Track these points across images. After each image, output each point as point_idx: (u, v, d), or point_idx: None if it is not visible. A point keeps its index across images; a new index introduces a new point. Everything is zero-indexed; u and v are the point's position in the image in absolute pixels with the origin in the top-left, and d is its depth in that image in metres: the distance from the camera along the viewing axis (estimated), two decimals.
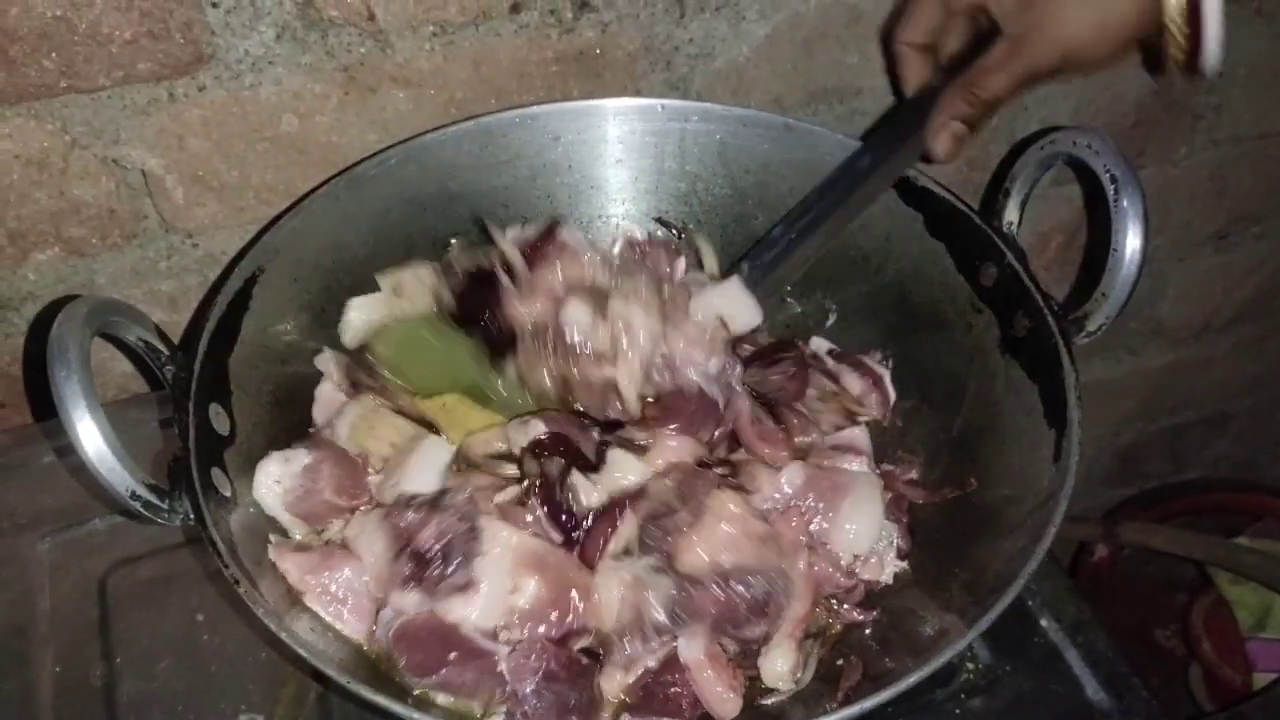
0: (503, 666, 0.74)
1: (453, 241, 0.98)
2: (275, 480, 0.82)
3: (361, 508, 0.84)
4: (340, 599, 0.77)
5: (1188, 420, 1.83)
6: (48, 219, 0.96)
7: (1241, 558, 1.47)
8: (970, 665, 0.87)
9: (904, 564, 0.86)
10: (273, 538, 0.79)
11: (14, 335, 1.03)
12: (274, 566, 0.77)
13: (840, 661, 0.79)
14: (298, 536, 0.83)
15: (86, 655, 0.86)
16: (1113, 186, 0.78)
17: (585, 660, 0.76)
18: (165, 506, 0.70)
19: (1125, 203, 0.78)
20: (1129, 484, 1.82)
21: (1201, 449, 1.90)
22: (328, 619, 0.76)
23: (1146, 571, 1.68)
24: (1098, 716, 0.85)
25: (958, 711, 0.84)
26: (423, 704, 0.73)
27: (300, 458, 0.83)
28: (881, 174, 0.91)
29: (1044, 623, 0.90)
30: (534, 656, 0.74)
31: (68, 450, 0.78)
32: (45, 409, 1.05)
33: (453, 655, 0.74)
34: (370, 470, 0.87)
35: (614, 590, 0.77)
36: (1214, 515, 1.68)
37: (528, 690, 0.73)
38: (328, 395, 0.91)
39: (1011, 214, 0.88)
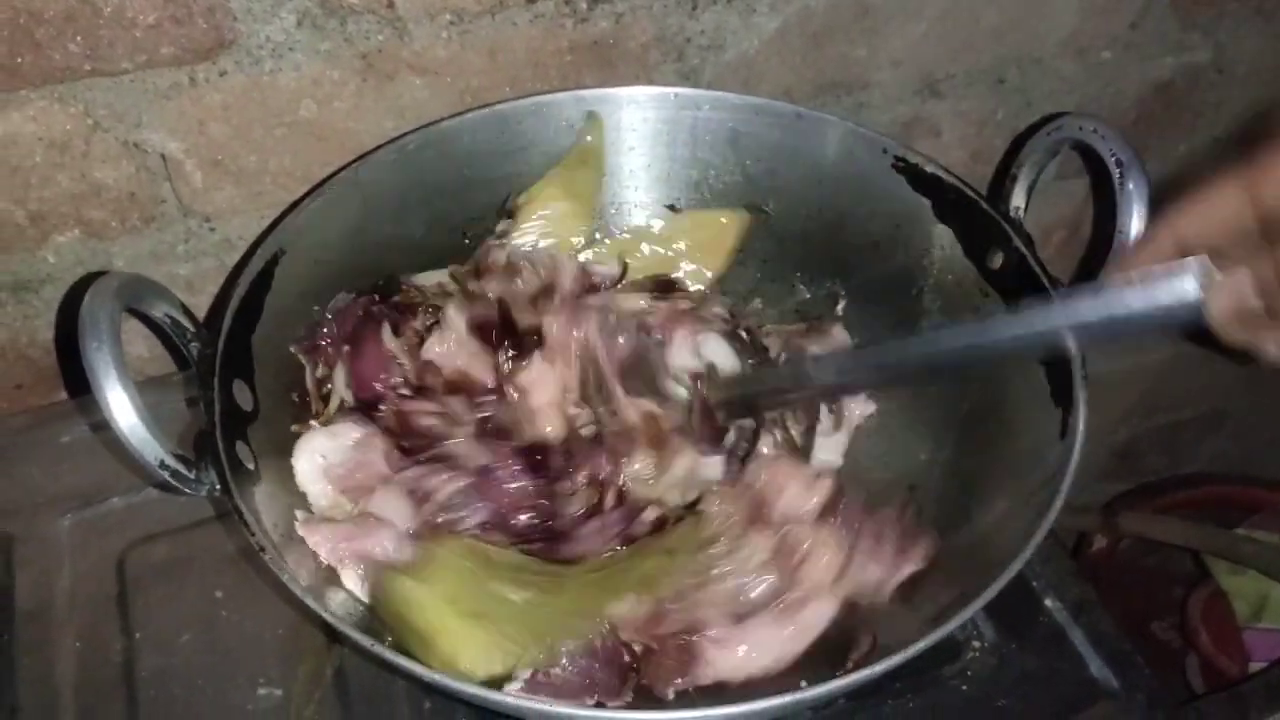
0: None
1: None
2: (321, 455, 0.84)
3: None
4: (378, 568, 0.79)
5: (1185, 417, 1.84)
6: (68, 201, 0.97)
7: (1241, 547, 1.48)
8: (976, 644, 0.88)
9: None
10: (299, 514, 0.81)
11: (32, 317, 1.04)
12: (301, 541, 0.78)
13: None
14: (321, 510, 0.84)
15: (106, 631, 0.87)
16: (1118, 171, 0.80)
17: (627, 656, 0.77)
18: (193, 478, 0.71)
19: (1130, 186, 0.79)
20: (1126, 479, 1.83)
21: (1199, 445, 1.91)
22: (358, 586, 0.78)
23: (1144, 564, 1.69)
24: (1101, 694, 0.86)
25: (964, 688, 0.86)
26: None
27: (348, 432, 0.86)
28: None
29: (1048, 603, 0.91)
30: None
31: (100, 426, 0.79)
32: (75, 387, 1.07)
33: None
34: None
35: None
36: (1211, 509, 1.69)
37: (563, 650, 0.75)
38: None
39: (1018, 199, 0.90)
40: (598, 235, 1.04)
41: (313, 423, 0.89)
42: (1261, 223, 0.62)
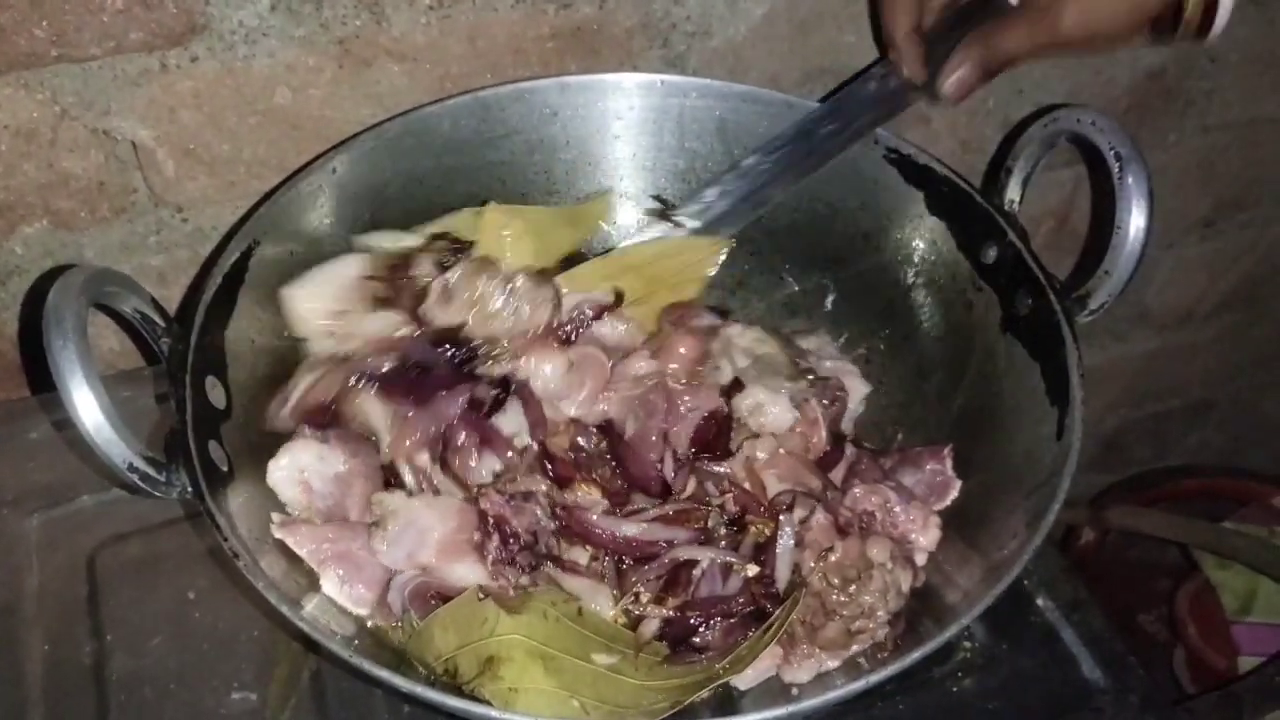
0: None
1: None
2: (301, 469, 0.81)
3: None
4: (359, 566, 0.77)
5: (1172, 407, 1.84)
6: (35, 191, 0.95)
7: (1230, 541, 1.48)
8: (967, 644, 0.86)
9: None
10: (275, 517, 0.78)
11: None
12: (277, 543, 0.76)
13: None
14: (297, 512, 0.81)
15: (76, 633, 0.85)
16: (1118, 164, 0.78)
17: None
18: (163, 480, 0.69)
19: (1130, 180, 0.78)
20: (1113, 470, 1.83)
21: (1185, 435, 1.91)
22: (337, 589, 0.76)
23: (1131, 556, 1.69)
24: (1094, 694, 0.85)
25: (955, 689, 0.84)
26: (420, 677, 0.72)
27: (336, 461, 0.82)
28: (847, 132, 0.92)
29: (1040, 602, 0.90)
30: None
31: (64, 424, 0.77)
32: (40, 382, 1.05)
33: None
34: None
35: None
36: (1199, 501, 1.69)
37: None
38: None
39: (1013, 192, 0.88)
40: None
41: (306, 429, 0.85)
42: None
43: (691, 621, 0.77)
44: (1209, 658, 1.51)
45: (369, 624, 0.77)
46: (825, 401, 0.90)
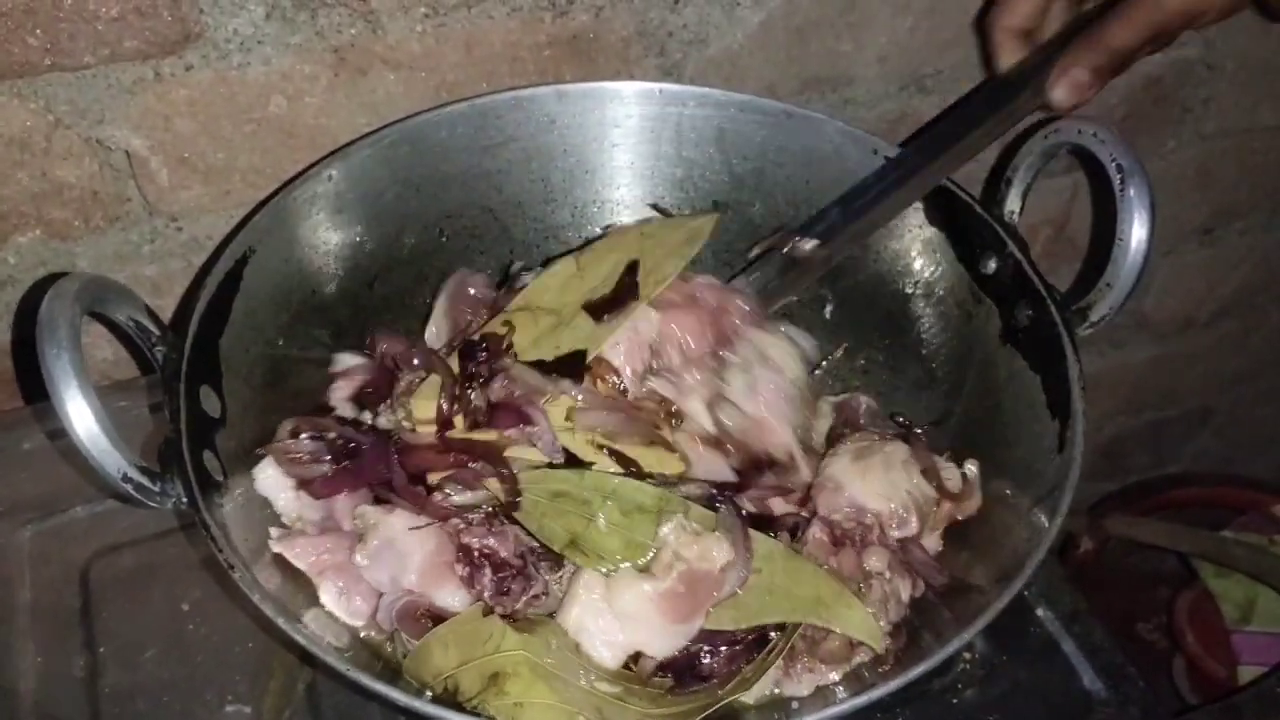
0: None
1: None
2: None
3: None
4: (358, 578, 0.77)
5: (1170, 415, 1.84)
6: (29, 200, 0.94)
7: (1230, 550, 1.47)
8: (967, 655, 0.86)
9: None
10: (273, 531, 0.78)
11: None
12: (272, 554, 0.76)
13: None
14: (290, 521, 0.81)
15: (69, 645, 0.84)
16: (1119, 176, 0.78)
17: None
18: (157, 490, 0.69)
19: (1132, 193, 0.77)
20: (1111, 478, 1.83)
21: (1183, 443, 1.91)
22: (335, 601, 0.76)
23: (1129, 564, 1.69)
24: (1094, 706, 0.85)
25: (955, 701, 0.84)
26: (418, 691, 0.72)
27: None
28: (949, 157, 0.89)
29: (1040, 613, 0.89)
30: None
31: (57, 434, 0.76)
32: (34, 392, 1.04)
33: None
34: None
35: None
36: (1198, 510, 1.68)
37: None
38: None
39: (1013, 203, 0.88)
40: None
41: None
42: None
43: (695, 650, 0.76)
44: (1208, 667, 1.50)
45: (364, 636, 0.77)
46: None
